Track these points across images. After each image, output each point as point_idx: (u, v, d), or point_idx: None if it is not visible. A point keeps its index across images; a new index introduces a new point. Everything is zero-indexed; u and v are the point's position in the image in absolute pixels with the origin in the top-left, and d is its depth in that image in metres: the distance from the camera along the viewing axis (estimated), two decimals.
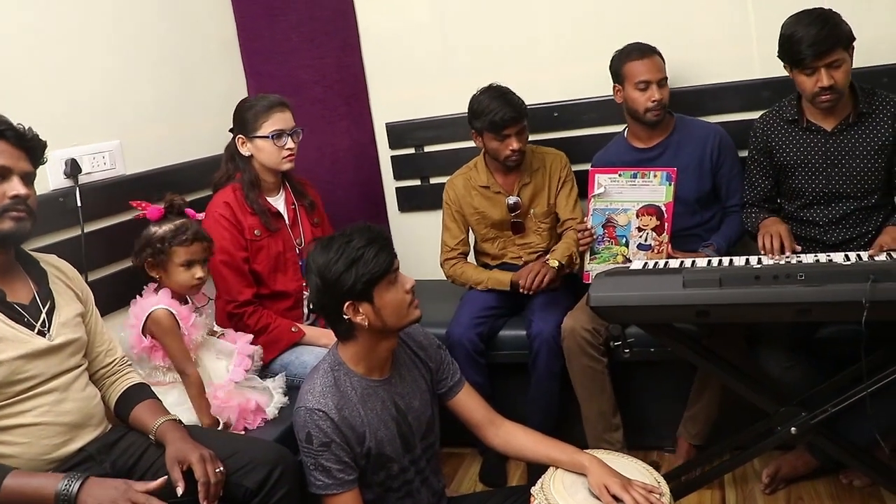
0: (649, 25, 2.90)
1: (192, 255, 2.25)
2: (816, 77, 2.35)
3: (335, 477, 1.84)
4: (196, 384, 2.20)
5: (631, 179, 2.46)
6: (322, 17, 3.35)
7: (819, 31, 2.30)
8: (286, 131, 2.60)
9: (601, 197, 2.50)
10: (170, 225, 2.25)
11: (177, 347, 2.20)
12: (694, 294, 2.02)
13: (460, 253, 2.99)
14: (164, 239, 2.23)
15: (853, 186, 2.49)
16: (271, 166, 2.63)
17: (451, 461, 2.99)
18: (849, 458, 2.30)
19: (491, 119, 2.74)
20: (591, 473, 1.85)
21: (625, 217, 2.49)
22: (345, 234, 1.85)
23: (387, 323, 1.86)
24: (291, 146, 2.61)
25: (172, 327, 2.20)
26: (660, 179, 2.46)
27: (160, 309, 2.20)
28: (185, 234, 2.23)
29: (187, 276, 2.25)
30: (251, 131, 2.60)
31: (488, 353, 2.80)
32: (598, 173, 2.48)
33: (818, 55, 2.31)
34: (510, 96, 2.78)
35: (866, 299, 1.87)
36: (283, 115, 2.62)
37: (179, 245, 2.23)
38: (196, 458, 1.76)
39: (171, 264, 2.24)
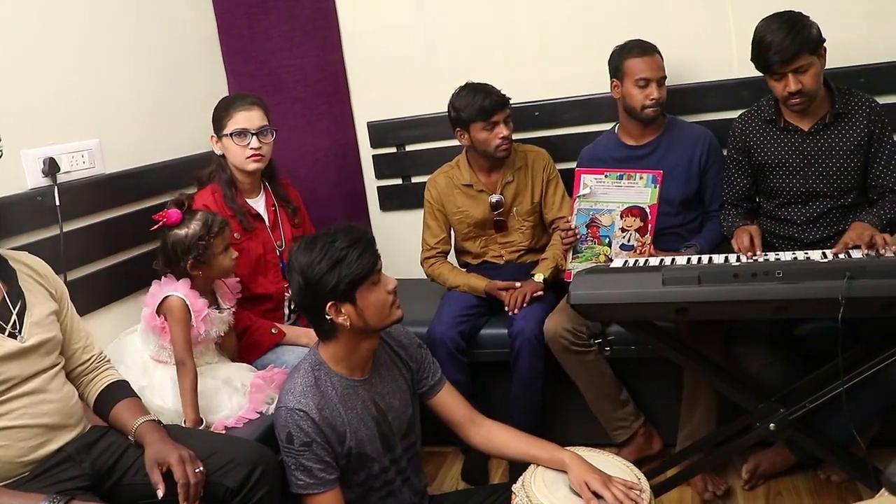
0: (629, 26, 2.91)
1: (226, 240, 2.35)
2: (784, 82, 2.38)
3: (316, 476, 1.84)
4: (191, 377, 2.20)
5: (617, 181, 2.46)
6: (303, 17, 3.34)
7: (785, 38, 2.32)
8: (250, 130, 2.56)
9: (586, 197, 2.51)
10: (196, 223, 2.29)
11: (180, 337, 2.22)
12: (673, 292, 2.04)
13: (440, 252, 2.99)
14: (202, 237, 2.27)
15: (830, 185, 2.51)
16: (237, 165, 2.60)
17: (434, 460, 2.99)
18: (826, 454, 2.33)
19: (480, 105, 2.76)
20: (571, 470, 1.86)
21: (609, 217, 2.50)
22: (328, 233, 1.85)
23: (369, 323, 1.86)
24: (256, 146, 2.56)
25: (182, 316, 2.23)
26: (646, 181, 2.47)
27: (174, 296, 2.25)
28: (215, 225, 2.30)
29: (228, 259, 2.34)
30: (220, 129, 2.59)
31: (470, 351, 2.80)
32: (584, 174, 2.49)
33: (784, 62, 2.34)
34: (489, 87, 2.81)
35: (842, 296, 1.89)
36: (248, 114, 2.57)
37: (216, 236, 2.29)
38: (175, 459, 1.75)
39: (214, 256, 2.30)
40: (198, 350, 2.30)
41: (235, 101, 2.61)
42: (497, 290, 2.81)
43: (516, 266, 2.96)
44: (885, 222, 2.38)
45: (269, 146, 2.62)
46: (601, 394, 2.72)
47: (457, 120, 2.84)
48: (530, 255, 2.98)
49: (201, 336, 2.27)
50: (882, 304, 1.92)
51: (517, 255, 2.97)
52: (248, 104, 2.59)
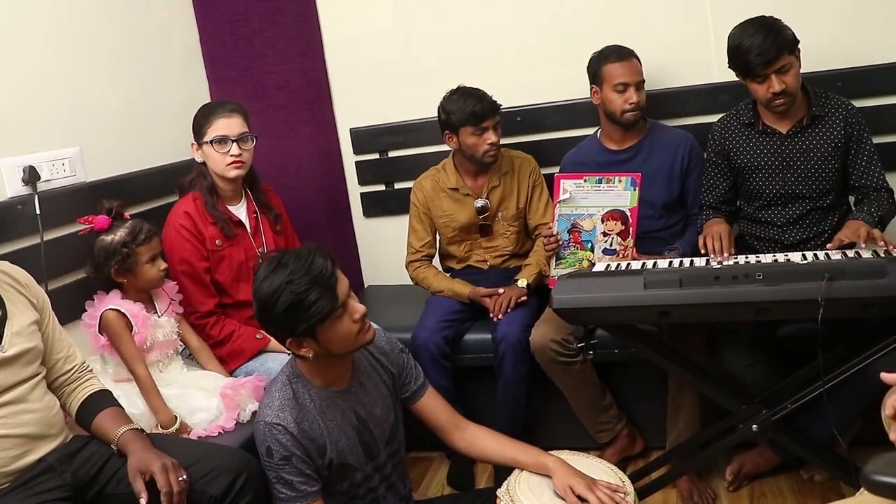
0: (610, 31, 2.93)
1: (154, 250, 2.35)
2: (768, 84, 2.41)
3: (298, 490, 1.83)
4: (146, 382, 2.21)
5: (596, 185, 2.47)
6: (285, 23, 3.33)
7: (764, 40, 2.35)
8: (230, 137, 2.55)
9: (567, 202, 2.51)
10: (123, 230, 2.30)
11: (126, 348, 2.24)
12: (655, 295, 2.05)
13: (425, 255, 2.99)
14: (126, 243, 2.28)
15: (809, 187, 2.54)
16: (218, 172, 2.58)
17: (419, 465, 2.99)
18: (809, 454, 2.35)
19: (471, 110, 2.76)
20: (555, 475, 1.86)
21: (590, 222, 2.51)
22: (288, 269, 1.75)
23: (333, 352, 1.84)
24: (236, 152, 2.55)
25: (121, 328, 2.25)
26: (624, 185, 2.48)
27: (109, 310, 2.26)
28: (143, 234, 2.31)
29: (154, 270, 2.33)
30: (200, 137, 2.58)
31: (454, 356, 2.80)
32: (563, 179, 2.49)
33: (766, 63, 2.37)
34: (481, 92, 2.82)
35: (822, 297, 1.90)
36: (227, 121, 2.56)
37: (141, 244, 2.30)
38: (158, 467, 1.75)
39: (139, 265, 2.30)
40: (154, 356, 2.31)
41: (215, 108, 2.60)
42: (481, 297, 2.81)
43: (500, 271, 2.96)
44: (877, 219, 2.41)
45: (249, 153, 2.61)
46: (586, 401, 2.73)
47: (446, 123, 2.84)
48: (514, 260, 2.98)
49: (148, 342, 2.27)
50: (861, 304, 1.94)
51: (501, 260, 2.97)
52: (227, 111, 2.58)
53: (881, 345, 2.07)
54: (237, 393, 2.28)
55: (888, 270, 1.92)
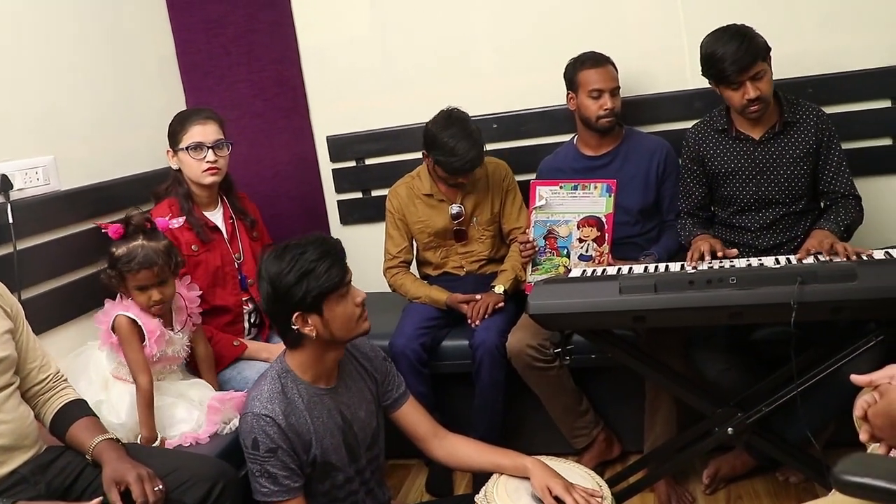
0: (586, 38, 2.94)
1: (143, 282, 2.23)
2: (743, 91, 2.43)
3: (281, 484, 1.84)
4: (146, 395, 2.18)
5: (572, 191, 2.48)
6: (260, 31, 3.33)
7: (739, 48, 2.38)
8: (206, 144, 2.56)
9: (542, 209, 2.53)
10: (123, 248, 2.23)
11: (133, 356, 2.21)
12: (630, 300, 2.06)
13: (402, 261, 2.99)
14: (117, 264, 2.23)
15: (781, 193, 2.57)
16: (194, 179, 2.59)
17: (398, 472, 2.99)
18: (783, 456, 2.37)
19: (452, 165, 2.73)
20: (533, 475, 1.88)
21: (566, 228, 2.52)
22: (299, 244, 1.85)
23: (335, 335, 1.87)
24: (212, 159, 2.56)
25: (130, 335, 2.21)
26: (600, 191, 2.49)
27: (122, 315, 2.23)
28: (131, 263, 2.21)
29: (143, 298, 2.25)
30: (175, 144, 2.59)
31: (431, 363, 2.80)
32: (539, 185, 2.50)
33: (741, 70, 2.40)
34: (470, 142, 2.72)
35: (794, 301, 1.93)
36: (202, 128, 2.57)
37: (128, 273, 2.22)
38: (133, 477, 1.73)
39: (129, 288, 2.25)
40: (157, 367, 2.28)
41: (190, 115, 2.61)
42: (458, 304, 2.82)
43: (477, 277, 2.97)
44: (843, 228, 2.44)
45: (224, 159, 2.62)
46: (563, 406, 2.74)
47: (427, 149, 2.82)
48: (490, 265, 2.99)
49: (156, 356, 2.25)
50: (832, 307, 1.97)
51: (478, 266, 2.98)
52: (203, 118, 2.58)
53: (852, 347, 2.09)
54: (224, 405, 2.27)
55: (858, 274, 1.95)
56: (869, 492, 1.12)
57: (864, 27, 2.88)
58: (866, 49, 2.88)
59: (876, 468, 1.13)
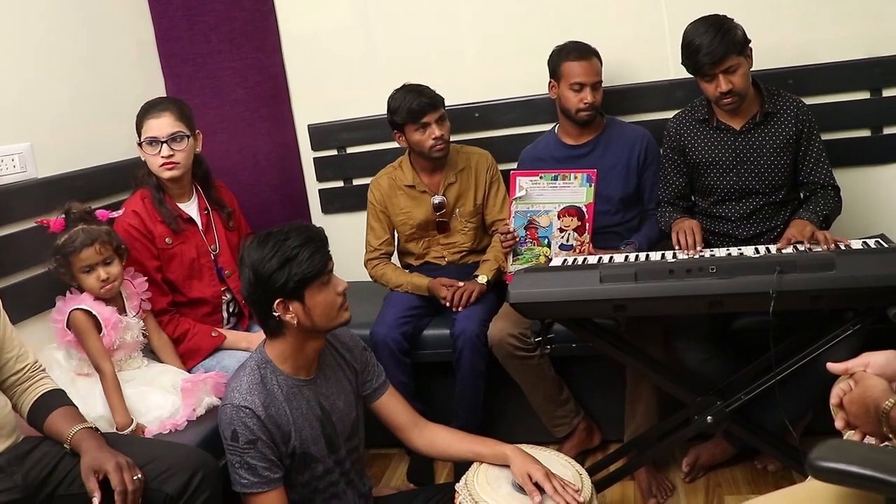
0: (567, 29, 2.94)
1: (87, 261, 2.24)
2: (716, 83, 2.45)
3: (261, 475, 1.83)
4: (111, 381, 2.18)
5: (552, 181, 2.48)
6: (241, 18, 3.30)
7: (713, 41, 2.40)
8: (159, 139, 2.50)
9: (523, 199, 2.52)
10: (64, 236, 2.24)
11: (93, 346, 2.20)
12: (610, 289, 2.08)
13: (383, 253, 2.99)
14: (59, 251, 2.23)
15: (761, 183, 2.59)
16: (154, 174, 2.55)
17: (379, 461, 2.99)
18: (762, 444, 2.39)
19: (409, 108, 2.77)
20: (513, 463, 1.88)
21: (546, 218, 2.52)
22: (282, 231, 1.85)
23: (316, 323, 1.87)
24: (166, 154, 2.50)
25: (87, 328, 2.21)
26: (580, 181, 2.49)
27: (77, 310, 2.22)
28: (74, 244, 2.22)
29: (92, 280, 2.25)
30: (139, 136, 2.56)
31: (413, 352, 2.80)
32: (519, 176, 2.50)
33: (714, 63, 2.41)
34: (423, 87, 2.82)
35: (773, 290, 1.95)
36: (157, 121, 2.51)
37: (72, 255, 2.23)
38: (112, 466, 1.72)
39: (76, 272, 2.25)
40: (118, 356, 2.28)
41: (148, 108, 2.55)
42: (440, 286, 2.81)
43: (458, 267, 2.97)
44: (822, 218, 2.46)
45: (183, 152, 2.54)
46: (543, 395, 2.74)
47: (392, 122, 2.85)
48: (472, 255, 2.99)
49: (116, 343, 2.25)
50: (810, 296, 1.99)
51: (459, 256, 2.98)
52: (157, 111, 2.52)
53: (830, 336, 2.11)
54: (197, 387, 2.27)
55: (837, 263, 1.97)
56: (843, 477, 1.13)
57: (844, 19, 2.90)
58: (846, 41, 2.90)
59: (849, 454, 1.14)
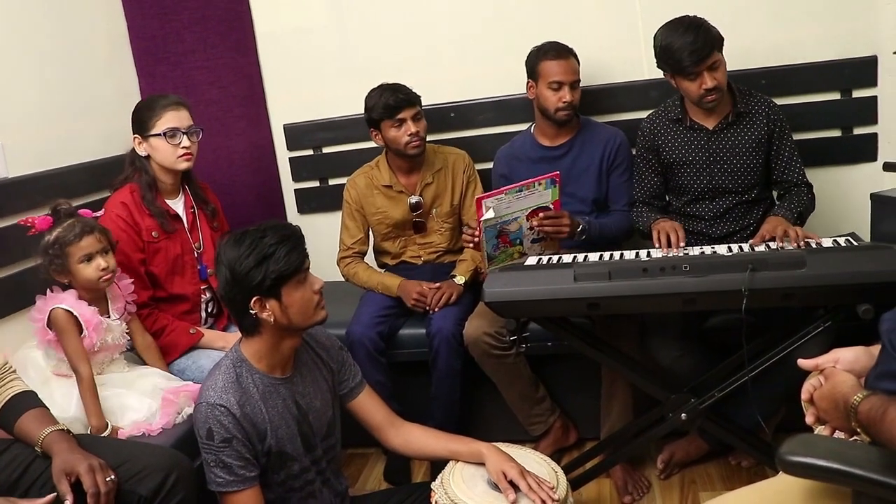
0: (543, 29, 2.95)
1: (87, 249, 2.22)
2: (700, 81, 2.47)
3: (236, 474, 1.83)
4: (88, 383, 2.15)
5: (517, 194, 2.45)
6: (216, 17, 3.28)
7: (695, 39, 2.42)
8: (181, 129, 2.54)
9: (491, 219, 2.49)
10: (58, 229, 2.22)
11: (72, 347, 2.17)
12: (584, 287, 2.09)
13: (357, 252, 2.99)
14: (56, 243, 2.20)
15: (734, 182, 2.61)
16: (167, 166, 2.56)
17: (356, 461, 2.99)
18: (735, 441, 2.41)
19: (385, 104, 2.77)
20: (488, 461, 1.89)
21: (516, 224, 2.50)
22: (259, 229, 1.85)
23: (292, 321, 1.87)
24: (187, 144, 2.55)
25: (68, 327, 2.18)
26: (545, 185, 2.47)
27: (59, 308, 2.19)
28: (72, 232, 2.21)
29: (91, 270, 2.23)
30: (146, 130, 2.54)
31: (389, 351, 2.80)
32: (484, 199, 2.42)
33: (699, 61, 2.43)
34: (399, 85, 2.83)
35: (745, 288, 1.97)
36: (177, 114, 2.55)
37: (71, 244, 2.20)
38: (84, 468, 1.70)
39: (72, 264, 2.22)
40: (99, 358, 2.26)
41: (162, 101, 2.56)
42: (409, 293, 2.80)
43: (434, 266, 2.97)
44: (796, 215, 2.50)
45: (196, 146, 2.60)
46: (519, 393, 2.75)
47: (369, 120, 2.85)
48: (448, 255, 2.99)
49: (97, 345, 2.23)
50: (782, 294, 2.01)
51: (436, 256, 2.99)
52: (175, 104, 2.56)
53: (801, 333, 2.14)
54: (178, 398, 2.25)
55: (808, 261, 1.99)
56: (811, 471, 1.15)
57: (814, 20, 2.94)
58: (816, 42, 2.94)
59: (817, 448, 1.16)
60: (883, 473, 1.16)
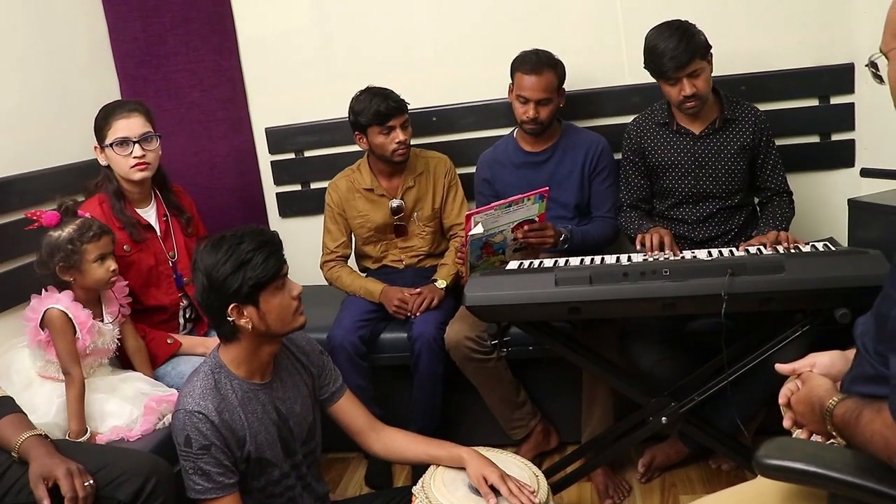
0: (525, 35, 2.97)
1: (103, 249, 2.24)
2: (679, 87, 2.49)
3: (215, 481, 1.81)
4: (78, 387, 2.14)
5: (506, 209, 2.45)
6: (198, 20, 3.27)
7: (678, 45, 2.43)
8: (131, 138, 2.46)
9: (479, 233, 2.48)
10: (72, 226, 2.21)
11: (64, 348, 2.16)
12: (565, 291, 2.09)
13: (340, 256, 2.98)
14: (72, 240, 2.19)
15: (718, 187, 2.64)
16: (123, 176, 2.51)
17: (337, 466, 2.98)
18: (715, 444, 2.42)
19: (376, 110, 2.76)
20: (469, 465, 1.89)
21: (501, 236, 2.50)
22: (236, 234, 1.83)
23: (271, 327, 1.85)
24: (139, 154, 2.47)
25: (63, 328, 2.17)
26: (533, 200, 2.48)
27: (54, 308, 2.18)
28: (91, 230, 2.22)
29: (102, 270, 2.24)
30: (101, 140, 2.50)
31: (370, 355, 2.79)
32: (473, 215, 2.41)
33: (679, 67, 2.45)
34: (389, 91, 2.82)
35: (724, 292, 1.98)
36: (127, 122, 2.47)
37: (89, 242, 2.21)
38: (62, 472, 1.69)
39: (85, 263, 2.21)
40: (87, 362, 2.24)
41: (114, 109, 2.51)
42: (391, 299, 2.80)
43: (416, 270, 2.97)
44: (783, 227, 2.54)
45: (154, 153, 2.52)
46: (500, 398, 2.76)
47: (355, 124, 2.84)
48: (430, 259, 2.99)
49: (89, 348, 2.21)
50: (760, 298, 2.02)
51: (417, 260, 2.98)
52: (126, 111, 2.49)
53: (780, 337, 2.16)
54: (161, 406, 2.24)
55: (786, 266, 2.01)
56: (787, 473, 1.16)
57: (793, 28, 2.97)
58: (795, 49, 2.97)
59: (794, 451, 1.17)
60: (858, 476, 1.17)
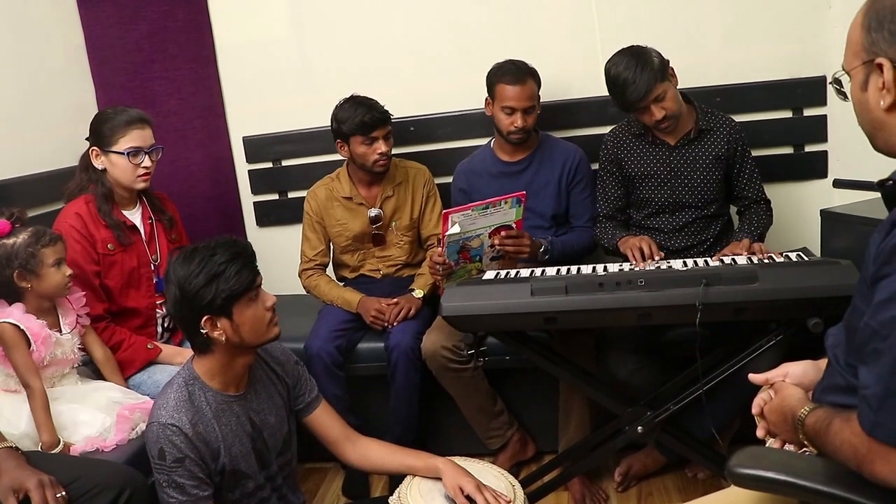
0: (503, 45, 2.98)
1: (60, 254, 2.23)
2: (649, 114, 2.51)
3: (189, 493, 1.80)
4: (40, 398, 2.11)
5: (483, 211, 2.46)
6: (175, 28, 3.26)
7: (634, 76, 2.44)
8: (143, 149, 2.49)
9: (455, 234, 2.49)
10: (25, 233, 2.19)
11: (20, 361, 2.13)
12: (541, 301, 2.10)
13: (318, 264, 2.98)
14: (29, 245, 2.17)
15: (694, 197, 2.66)
16: (125, 184, 2.52)
17: (314, 476, 2.96)
18: (691, 453, 2.44)
19: (361, 120, 2.76)
20: (445, 475, 1.89)
21: (478, 241, 2.50)
22: (209, 246, 1.82)
23: (245, 339, 1.84)
24: (148, 164, 2.51)
25: (15, 342, 2.13)
26: (510, 204, 2.48)
27: (5, 323, 2.14)
28: (47, 235, 2.21)
29: (59, 275, 2.22)
30: (107, 145, 2.49)
31: (347, 365, 2.78)
32: (451, 214, 2.42)
33: (640, 98, 2.46)
34: (373, 101, 2.83)
35: (699, 302, 2.00)
36: (142, 133, 2.50)
37: (46, 246, 2.19)
38: (34, 484, 1.67)
39: (44, 267, 2.19)
40: (49, 372, 2.21)
41: (126, 117, 2.51)
42: (368, 310, 2.79)
43: (393, 280, 2.97)
44: (758, 235, 2.57)
45: (155, 164, 2.57)
46: (477, 407, 2.76)
47: (337, 132, 2.84)
48: (407, 269, 3.00)
49: (46, 359, 2.18)
50: (734, 308, 2.04)
51: (395, 270, 2.99)
52: (141, 122, 2.51)
53: (754, 346, 2.18)
54: (134, 414, 2.21)
55: (759, 276, 2.03)
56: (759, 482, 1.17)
57: (767, 41, 3.01)
58: (770, 62, 3.01)
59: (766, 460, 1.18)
60: (828, 485, 1.18)
